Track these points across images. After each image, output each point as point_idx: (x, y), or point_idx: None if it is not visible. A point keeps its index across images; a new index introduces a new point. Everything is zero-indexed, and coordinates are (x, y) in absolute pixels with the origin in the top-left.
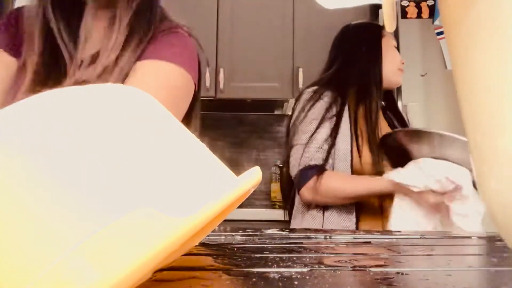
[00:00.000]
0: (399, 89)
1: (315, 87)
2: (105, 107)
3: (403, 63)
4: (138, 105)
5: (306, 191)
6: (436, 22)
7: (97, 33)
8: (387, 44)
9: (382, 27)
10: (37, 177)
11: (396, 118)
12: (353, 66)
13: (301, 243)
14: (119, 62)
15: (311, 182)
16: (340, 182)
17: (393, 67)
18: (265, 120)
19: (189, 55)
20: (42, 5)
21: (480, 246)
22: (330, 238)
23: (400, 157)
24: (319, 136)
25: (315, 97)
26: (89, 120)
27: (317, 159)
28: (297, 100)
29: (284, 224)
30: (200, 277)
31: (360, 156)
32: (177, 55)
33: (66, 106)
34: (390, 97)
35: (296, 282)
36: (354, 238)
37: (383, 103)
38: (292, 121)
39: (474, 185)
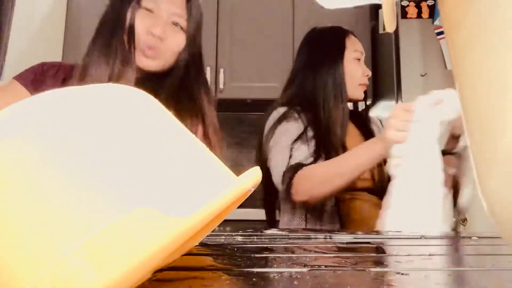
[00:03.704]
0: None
1: (284, 108)
2: (105, 107)
3: (367, 76)
4: (138, 105)
5: (294, 194)
6: (436, 22)
7: None
8: (348, 57)
9: (345, 35)
10: (36, 177)
11: (364, 131)
12: (314, 79)
13: (301, 243)
14: None
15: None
16: (320, 168)
17: (352, 82)
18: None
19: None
20: None
21: (480, 246)
22: (330, 238)
23: None
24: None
25: (286, 117)
26: (88, 120)
27: (300, 158)
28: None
29: None
30: (200, 277)
31: None
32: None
33: (66, 106)
34: (357, 111)
35: (296, 282)
36: (354, 238)
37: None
38: (264, 139)
39: None
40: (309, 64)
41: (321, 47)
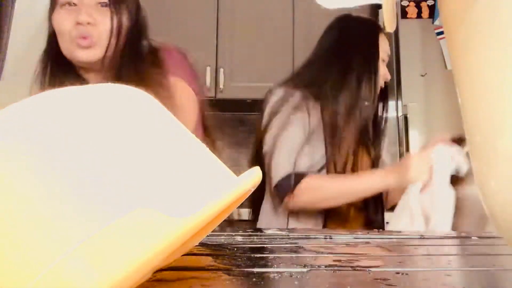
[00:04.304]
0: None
1: (301, 94)
2: (105, 107)
3: (386, 80)
4: (139, 105)
5: (295, 200)
6: (436, 22)
7: None
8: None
9: (379, 32)
10: (37, 177)
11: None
12: (343, 71)
13: (301, 243)
14: None
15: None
16: (331, 184)
17: None
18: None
19: None
20: None
21: (480, 246)
22: (330, 238)
23: None
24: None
25: (300, 108)
26: (89, 120)
27: (303, 166)
28: (268, 98)
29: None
30: (200, 277)
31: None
32: None
33: (67, 106)
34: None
35: (296, 282)
36: (354, 238)
37: None
38: (266, 123)
39: None
40: (336, 50)
41: (354, 38)
